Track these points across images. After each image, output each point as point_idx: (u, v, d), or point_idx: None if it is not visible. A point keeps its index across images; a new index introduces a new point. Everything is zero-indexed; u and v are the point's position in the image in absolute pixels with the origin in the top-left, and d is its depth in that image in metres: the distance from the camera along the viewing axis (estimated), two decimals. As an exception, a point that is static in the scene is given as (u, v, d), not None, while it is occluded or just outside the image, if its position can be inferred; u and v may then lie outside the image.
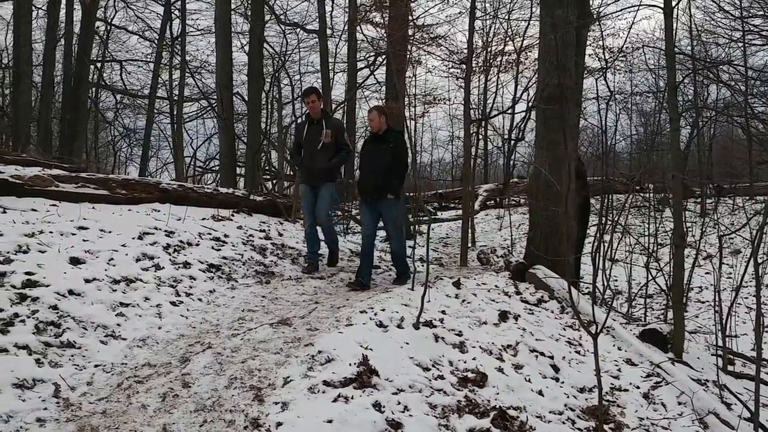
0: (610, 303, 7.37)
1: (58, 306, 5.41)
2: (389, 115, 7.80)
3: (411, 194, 16.71)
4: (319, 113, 8.29)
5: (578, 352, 6.34)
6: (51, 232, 6.90)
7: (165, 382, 4.56)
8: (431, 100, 25.05)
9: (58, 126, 20.79)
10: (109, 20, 24.83)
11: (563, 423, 4.85)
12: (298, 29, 22.67)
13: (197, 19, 35.12)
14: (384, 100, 21.51)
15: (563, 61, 8.20)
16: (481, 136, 23.64)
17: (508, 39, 20.20)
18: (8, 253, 6.15)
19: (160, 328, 5.69)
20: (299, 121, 11.80)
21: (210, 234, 8.49)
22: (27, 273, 5.78)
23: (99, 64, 24.91)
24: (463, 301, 6.96)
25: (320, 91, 8.55)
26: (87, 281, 6.00)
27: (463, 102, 14.20)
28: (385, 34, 16.82)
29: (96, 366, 4.81)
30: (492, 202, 22.21)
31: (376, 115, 7.65)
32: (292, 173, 20.45)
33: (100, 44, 24.79)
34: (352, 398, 4.40)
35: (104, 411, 4.16)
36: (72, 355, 4.85)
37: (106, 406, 4.23)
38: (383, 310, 6.02)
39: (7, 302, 5.24)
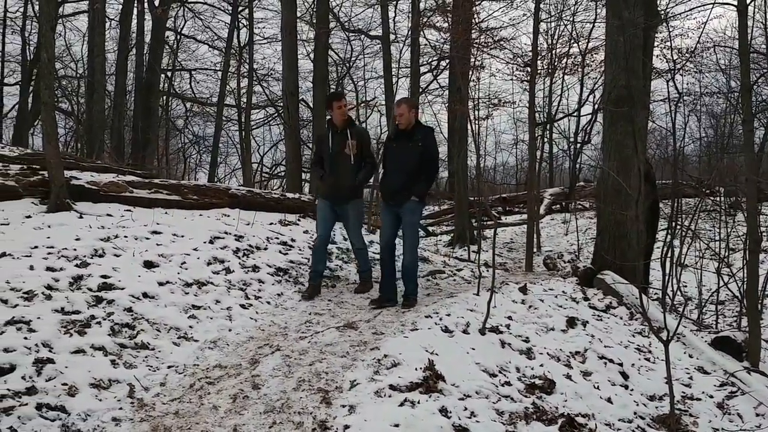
0: (682, 310, 7.17)
1: (133, 308, 5.59)
2: (418, 110, 7.01)
3: (474, 198, 16.64)
4: (343, 122, 7.16)
5: (648, 359, 6.20)
6: (126, 237, 7.13)
7: (235, 384, 4.65)
8: (495, 103, 24.89)
9: (130, 133, 21.47)
10: (179, 30, 25.54)
11: (633, 431, 4.75)
12: (362, 35, 22.88)
13: (263, 27, 35.76)
14: (447, 104, 21.50)
15: (631, 63, 8.05)
16: (546, 140, 23.36)
17: (572, 41, 19.88)
18: (85, 257, 6.39)
19: (230, 330, 5.82)
20: (319, 132, 9.80)
21: (277, 238, 8.63)
22: (103, 276, 6.00)
23: (169, 73, 25.62)
24: (530, 306, 6.90)
25: (344, 96, 7.58)
26: (160, 284, 6.18)
27: (527, 105, 14.06)
28: (448, 38, 16.79)
29: (169, 367, 4.94)
30: (557, 206, 21.89)
31: (405, 109, 6.66)
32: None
33: (170, 54, 25.52)
34: (418, 403, 4.40)
35: (177, 411, 4.27)
36: (146, 357, 5.00)
37: (178, 407, 4.34)
38: (448, 315, 6.01)
39: (84, 305, 5.44)
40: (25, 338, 4.70)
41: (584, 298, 7.65)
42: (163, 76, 23.74)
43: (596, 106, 20.62)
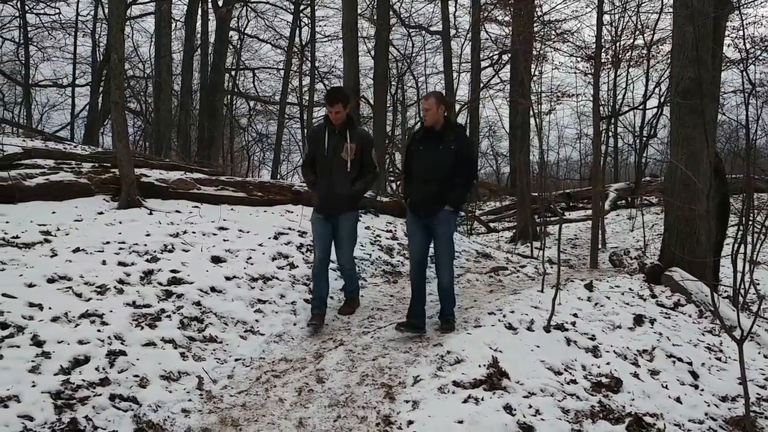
0: (756, 309, 6.94)
1: (201, 302, 5.73)
2: (451, 107, 5.75)
3: (538, 194, 16.45)
4: (342, 122, 6.05)
5: (719, 359, 6.02)
6: (194, 233, 7.31)
7: (300, 377, 4.72)
8: (558, 97, 24.56)
9: (196, 132, 21.94)
10: (242, 30, 25.97)
11: (704, 433, 4.63)
12: (423, 31, 22.83)
13: (325, 25, 36.02)
14: (509, 99, 21.31)
15: (700, 53, 7.81)
16: (610, 134, 22.92)
17: (638, 32, 19.43)
18: (155, 252, 6.57)
19: (294, 324, 5.90)
20: (315, 125, 7.42)
21: (339, 234, 8.71)
22: (172, 271, 6.17)
23: (233, 72, 26.08)
24: (596, 304, 6.78)
25: (347, 96, 6.14)
26: (227, 279, 6.32)
27: (591, 98, 13.82)
28: (509, 32, 16.64)
29: (236, 360, 5.05)
30: (623, 201, 21.44)
31: (433, 103, 5.68)
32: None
33: (234, 53, 25.97)
34: (482, 400, 4.39)
35: (244, 404, 4.36)
36: (214, 349, 5.12)
37: (245, 399, 4.43)
38: (512, 312, 5.96)
39: (154, 298, 5.60)
40: (99, 330, 4.86)
41: (652, 296, 7.48)
42: (227, 75, 24.17)
43: (663, 99, 20.12)
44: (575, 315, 6.23)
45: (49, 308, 5.00)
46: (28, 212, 7.34)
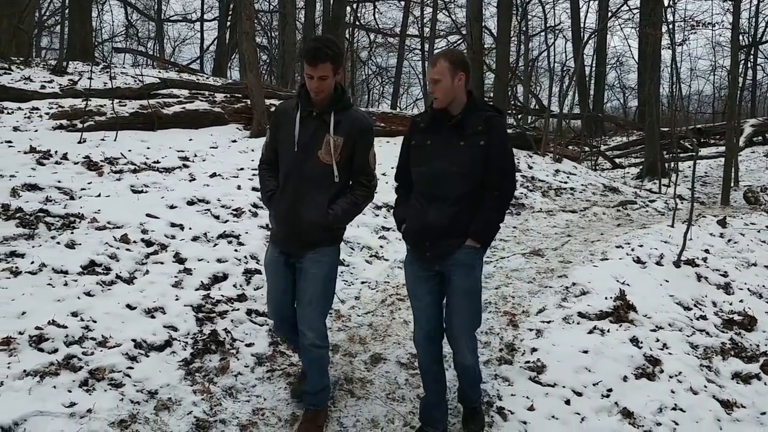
0: None
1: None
2: (470, 73, 3.36)
3: (666, 129, 15.72)
4: (327, 98, 3.40)
5: None
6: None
7: (425, 301, 4.84)
8: (692, 26, 23.08)
9: (319, 65, 22.21)
10: (364, -40, 25.78)
11: None
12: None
13: (447, -47, 35.19)
14: (638, 28, 20.25)
15: None
16: (749, 65, 21.41)
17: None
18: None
19: (418, 251, 6.01)
20: (283, 102, 3.89)
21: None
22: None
23: (355, 5, 26.05)
24: (729, 240, 6.51)
25: (339, 54, 3.34)
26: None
27: (730, 26, 12.93)
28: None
29: (362, 283, 5.23)
30: (759, 138, 20.15)
31: (445, 70, 3.25)
32: (538, 107, 20.15)
33: (356, -16, 25.88)
34: (608, 331, 4.38)
35: (370, 324, 4.54)
36: (341, 272, 5.30)
37: (372, 320, 4.60)
38: (641, 246, 5.83)
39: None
40: (236, 251, 5.14)
41: (791, 234, 7.10)
42: (348, 8, 24.19)
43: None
44: (706, 251, 6.02)
45: (190, 228, 5.31)
46: (167, 139, 7.75)
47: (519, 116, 19.28)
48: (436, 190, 3.34)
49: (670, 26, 11.28)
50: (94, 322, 3.84)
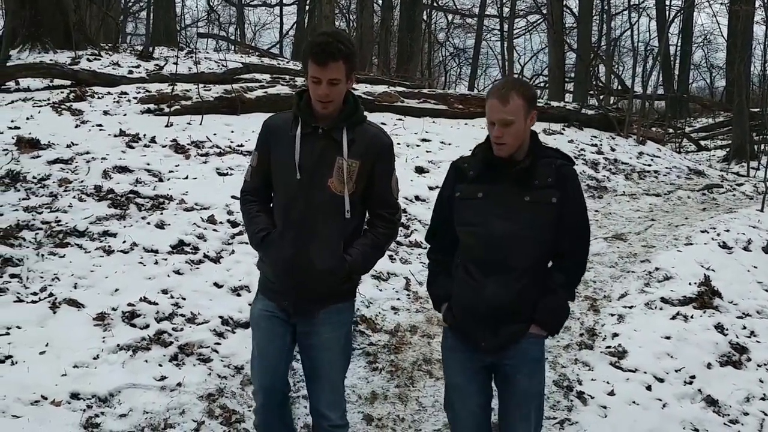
0: None
1: (407, 210, 5.98)
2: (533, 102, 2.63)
3: (756, 110, 15.06)
4: (337, 110, 2.60)
5: None
6: (398, 144, 7.54)
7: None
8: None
9: (395, 48, 22.24)
10: (443, -60, 25.57)
11: None
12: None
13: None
14: (727, 4, 19.44)
15: None
16: None
17: None
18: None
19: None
20: (274, 116, 2.85)
21: (542, 146, 8.63)
22: (380, 180, 6.46)
23: (433, -15, 25.92)
24: (823, 226, 6.25)
25: (353, 53, 2.56)
26: (430, 188, 6.53)
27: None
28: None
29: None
30: None
31: (520, 107, 2.51)
32: (620, 88, 19.64)
33: (434, -35, 25.72)
34: (691, 317, 4.30)
35: (449, 307, 4.57)
36: (419, 254, 5.35)
37: (450, 302, 4.63)
38: (727, 230, 5.67)
39: (364, 205, 5.93)
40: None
41: None
42: (426, -12, 24.10)
43: None
44: (800, 237, 5.81)
45: (272, 209, 5.44)
46: (250, 122, 7.91)
47: (601, 97, 18.88)
48: (497, 258, 2.51)
49: (765, 1, 10.76)
50: (183, 299, 4.02)
